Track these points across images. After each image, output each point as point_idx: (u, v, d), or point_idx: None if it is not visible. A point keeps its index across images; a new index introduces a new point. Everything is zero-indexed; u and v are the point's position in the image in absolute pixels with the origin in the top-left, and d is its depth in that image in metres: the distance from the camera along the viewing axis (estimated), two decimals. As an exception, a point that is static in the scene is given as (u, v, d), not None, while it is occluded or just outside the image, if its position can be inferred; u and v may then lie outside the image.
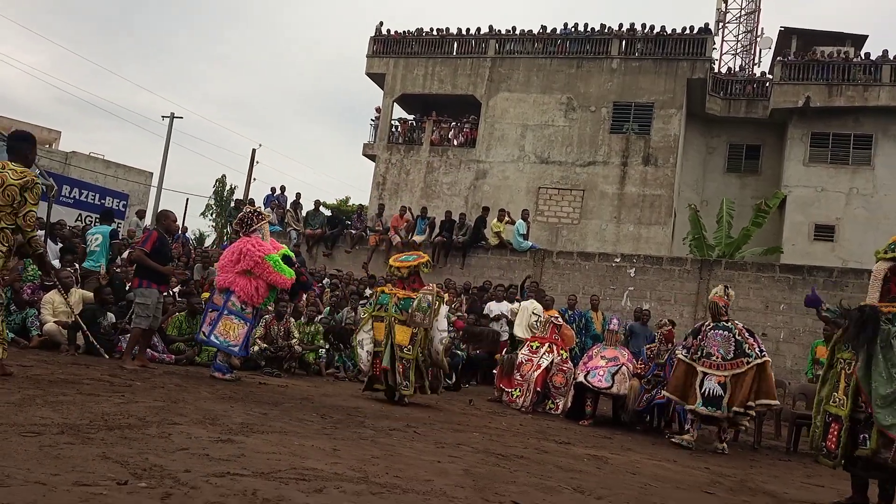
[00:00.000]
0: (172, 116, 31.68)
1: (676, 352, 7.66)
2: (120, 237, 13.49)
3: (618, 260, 14.22)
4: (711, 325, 7.35)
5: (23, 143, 5.53)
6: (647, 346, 9.06)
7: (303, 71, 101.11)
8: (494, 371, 9.97)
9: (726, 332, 7.24)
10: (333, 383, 8.99)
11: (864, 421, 4.47)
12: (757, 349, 7.10)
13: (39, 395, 4.67)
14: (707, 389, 7.13)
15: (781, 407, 9.46)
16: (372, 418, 5.99)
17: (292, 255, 7.86)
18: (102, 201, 14.31)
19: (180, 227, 17.15)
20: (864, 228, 19.61)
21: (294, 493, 2.99)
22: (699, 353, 7.26)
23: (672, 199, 20.03)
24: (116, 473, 2.91)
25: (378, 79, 23.44)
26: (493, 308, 12.40)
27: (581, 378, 8.43)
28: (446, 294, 11.65)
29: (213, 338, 7.26)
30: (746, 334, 7.25)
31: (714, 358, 7.13)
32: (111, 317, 8.67)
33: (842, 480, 6.38)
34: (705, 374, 7.14)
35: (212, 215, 37.48)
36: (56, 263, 9.57)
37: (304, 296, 9.93)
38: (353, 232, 16.07)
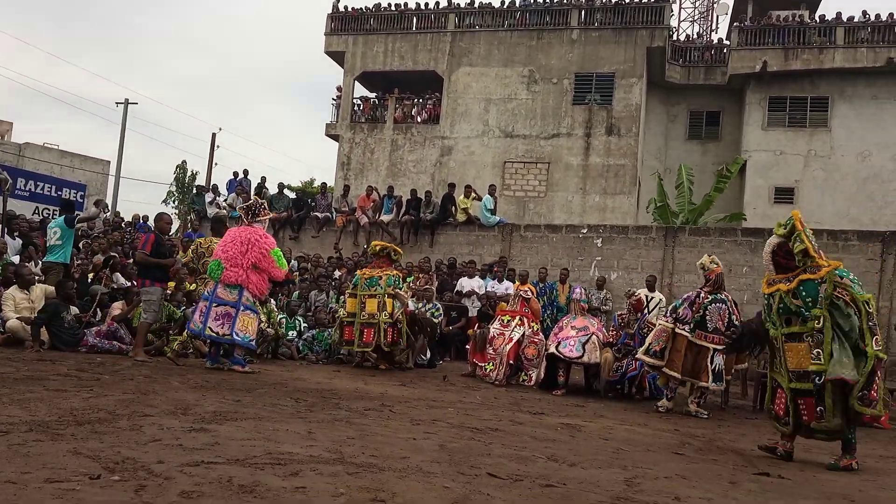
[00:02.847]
0: (127, 102, 30.88)
1: (661, 322, 7.66)
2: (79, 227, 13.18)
3: (584, 231, 14.35)
4: (709, 297, 7.41)
5: None
6: (618, 313, 9.19)
7: (261, 51, 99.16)
8: (467, 347, 10.05)
9: (723, 305, 7.35)
10: (307, 367, 8.96)
11: (817, 392, 4.68)
12: (739, 319, 7.27)
13: (6, 393, 4.58)
14: (717, 365, 7.23)
15: (747, 367, 9.73)
16: (346, 399, 6.00)
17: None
18: (59, 193, 13.94)
19: (141, 216, 16.84)
20: (822, 190, 20.08)
21: (270, 478, 3.00)
22: (701, 326, 7.27)
23: (636, 169, 20.24)
24: (88, 468, 2.89)
25: (338, 57, 23.11)
26: (465, 284, 12.47)
27: (552, 349, 8.55)
28: (421, 275, 11.93)
29: (235, 335, 7.31)
30: (734, 306, 7.42)
31: (719, 332, 7.18)
32: (74, 310, 8.51)
33: (804, 437, 6.60)
34: (715, 350, 7.17)
35: (174, 202, 36.76)
36: (15, 259, 9.34)
37: None
38: (319, 214, 15.93)
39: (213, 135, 31.33)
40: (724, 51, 22.12)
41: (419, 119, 22.34)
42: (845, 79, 20.20)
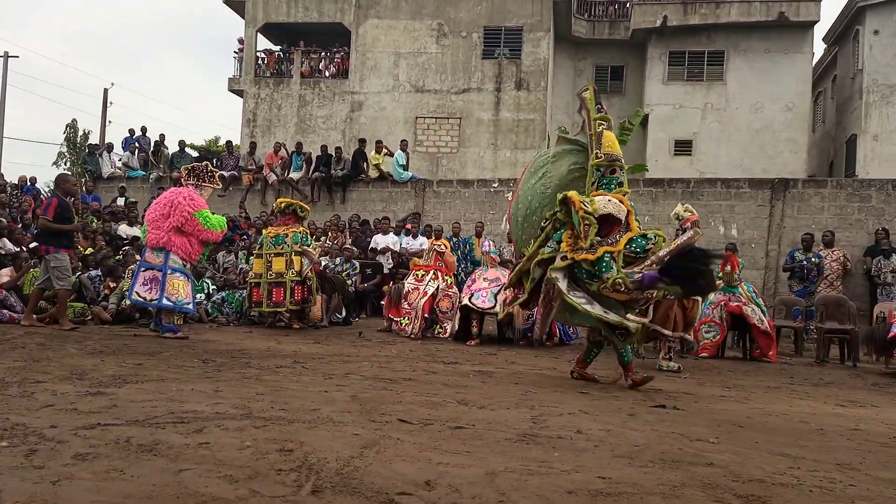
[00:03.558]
0: (6, 56, 28.45)
1: None
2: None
3: (496, 185, 14.50)
4: None
5: None
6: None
7: (154, 0, 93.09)
8: (383, 303, 10.06)
9: None
10: (216, 329, 8.73)
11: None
12: None
13: None
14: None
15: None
16: (258, 359, 5.90)
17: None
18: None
19: (28, 178, 15.73)
20: (717, 141, 21.04)
21: (172, 436, 2.92)
22: None
23: (545, 123, 20.52)
24: (-29, 437, 2.72)
25: (237, 7, 22.01)
26: (380, 241, 12.41)
27: (466, 301, 8.68)
28: (338, 233, 11.85)
29: (164, 300, 7.04)
30: None
31: None
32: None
33: (700, 371, 7.04)
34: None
35: (65, 164, 34.45)
36: None
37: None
38: (226, 173, 15.34)
39: (106, 91, 29.44)
40: (628, 5, 22.55)
41: (327, 73, 21.72)
42: (740, 33, 21.05)
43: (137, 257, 9.19)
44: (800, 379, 6.77)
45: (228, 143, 18.00)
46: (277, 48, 22.56)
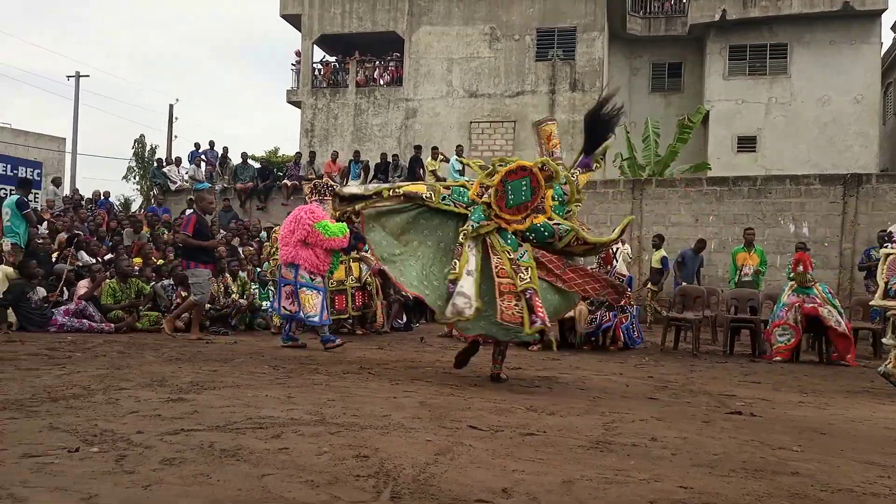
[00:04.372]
0: (78, 76, 29.87)
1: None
2: (38, 206, 12.84)
3: (553, 187, 14.40)
4: None
5: None
6: (589, 267, 9.28)
7: (214, 15, 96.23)
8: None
9: None
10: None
11: None
12: None
13: (-27, 376, 4.48)
14: None
15: (716, 313, 9.94)
16: (324, 365, 6.00)
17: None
18: (15, 171, 13.48)
19: (102, 192, 16.43)
20: (783, 137, 20.36)
21: (252, 441, 3.00)
22: None
23: (601, 123, 20.24)
24: (66, 442, 2.85)
25: (294, 20, 22.53)
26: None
27: (526, 305, 8.63)
28: None
29: (301, 314, 7.22)
30: None
31: None
32: (41, 291, 8.33)
33: (775, 375, 6.81)
34: None
35: (135, 178, 35.86)
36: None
37: None
38: (288, 182, 15.70)
39: (171, 106, 30.54)
40: (684, 1, 22.08)
41: (382, 82, 22.00)
42: (803, 25, 20.34)
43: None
44: (880, 383, 6.47)
45: (297, 154, 18.40)
46: (333, 59, 22.97)
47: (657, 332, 10.52)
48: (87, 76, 30.08)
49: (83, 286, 8.62)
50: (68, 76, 30.14)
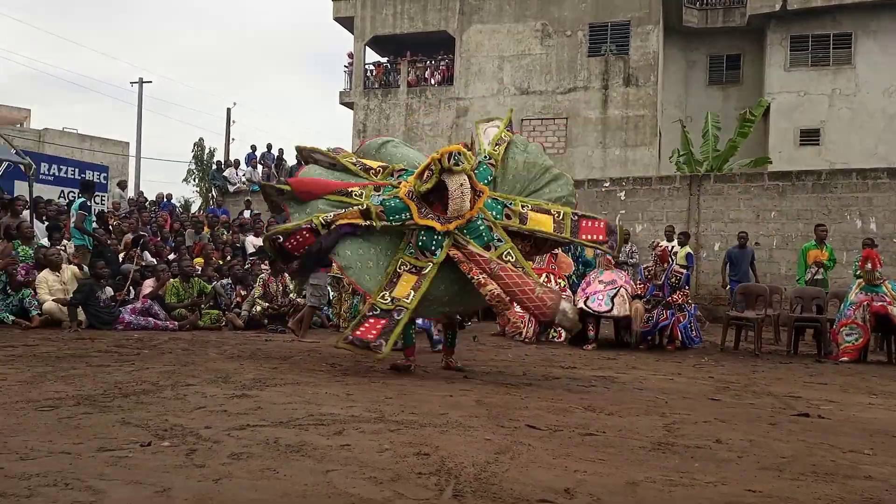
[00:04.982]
0: (141, 82, 30.88)
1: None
2: (104, 208, 13.34)
3: (607, 185, 14.19)
4: None
5: None
6: (644, 266, 9.14)
7: (267, 21, 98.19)
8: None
9: None
10: (338, 334, 9.06)
11: None
12: None
13: (50, 371, 4.70)
14: None
15: (779, 312, 9.64)
16: (380, 362, 6.06)
17: None
18: (83, 175, 14.04)
19: (165, 194, 16.96)
20: (848, 129, 19.58)
21: (315, 438, 3.06)
22: None
23: (656, 119, 19.87)
24: (139, 436, 2.96)
25: (346, 23, 22.83)
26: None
27: (581, 304, 8.54)
28: None
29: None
30: None
31: None
32: (109, 290, 8.66)
33: (843, 376, 6.56)
34: None
35: (194, 180, 36.93)
36: (44, 242, 9.50)
37: None
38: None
39: (228, 110, 31.31)
40: (743, -9, 21.45)
41: (433, 81, 22.09)
42: (869, 13, 19.51)
43: (264, 267, 9.72)
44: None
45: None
46: (384, 60, 23.18)
47: (715, 332, 10.28)
48: (150, 82, 31.05)
49: (148, 285, 8.92)
50: (132, 82, 31.23)
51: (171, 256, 10.57)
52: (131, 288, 9.15)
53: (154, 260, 10.26)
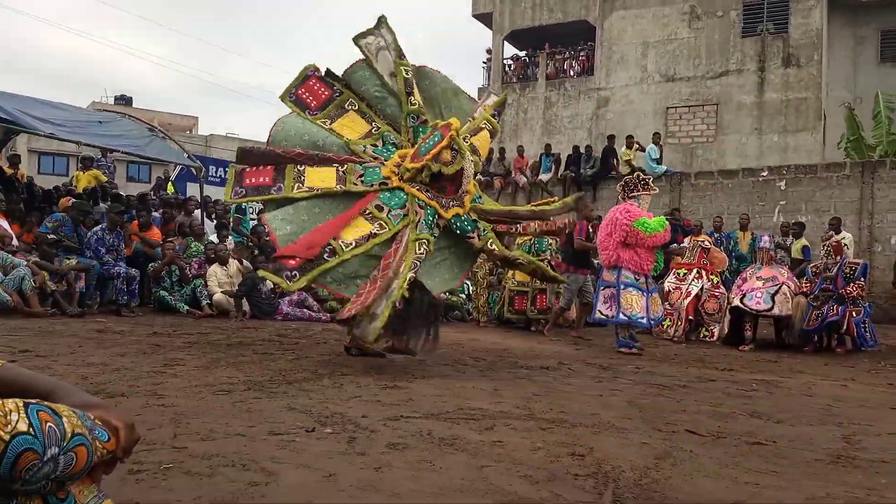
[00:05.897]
0: (294, 88, 32.79)
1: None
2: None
3: (765, 174, 13.22)
4: None
5: None
6: (811, 265, 8.45)
7: (409, 21, 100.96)
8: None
9: None
10: (478, 329, 9.14)
11: None
12: None
13: (222, 356, 5.09)
14: None
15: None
16: (524, 359, 6.03)
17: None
18: (244, 177, 15.16)
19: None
20: None
21: (467, 432, 3.08)
22: None
23: (820, 101, 18.24)
24: (303, 422, 3.12)
25: (485, 19, 22.91)
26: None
27: (737, 302, 8.04)
28: None
29: (620, 315, 7.09)
30: None
31: None
32: (269, 283, 9.26)
33: None
34: None
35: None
36: (213, 239, 10.35)
37: None
38: (482, 178, 16.02)
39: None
40: (924, -46, 19.14)
41: (572, 73, 21.65)
42: None
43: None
44: None
45: (490, 150, 18.68)
46: (523, 53, 23.03)
47: (892, 334, 9.29)
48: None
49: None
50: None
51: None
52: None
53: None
